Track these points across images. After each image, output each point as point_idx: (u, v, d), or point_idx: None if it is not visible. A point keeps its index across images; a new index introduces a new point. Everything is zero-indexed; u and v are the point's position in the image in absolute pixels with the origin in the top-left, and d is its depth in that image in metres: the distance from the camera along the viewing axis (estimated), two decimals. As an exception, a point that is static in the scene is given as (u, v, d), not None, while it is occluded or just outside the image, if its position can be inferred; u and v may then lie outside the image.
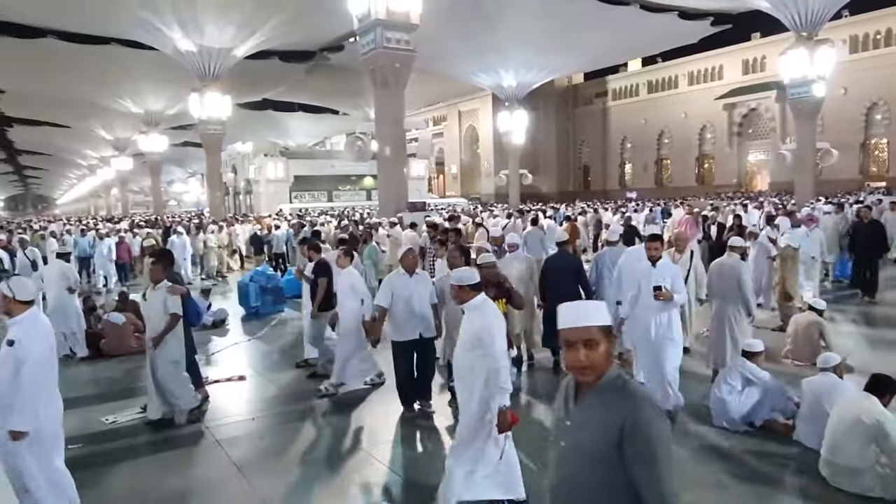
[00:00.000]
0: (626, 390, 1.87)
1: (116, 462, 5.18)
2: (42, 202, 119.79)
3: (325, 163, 45.46)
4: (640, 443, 1.79)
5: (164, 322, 5.79)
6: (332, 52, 31.76)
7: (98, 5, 23.56)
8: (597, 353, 1.86)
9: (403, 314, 5.81)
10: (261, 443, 5.53)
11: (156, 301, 5.87)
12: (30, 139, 54.89)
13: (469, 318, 4.03)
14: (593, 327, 1.86)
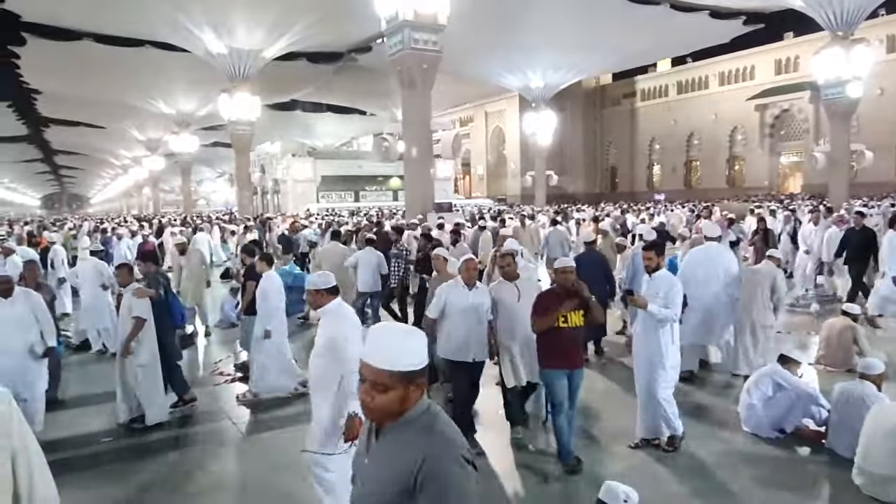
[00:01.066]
0: (430, 430, 1.65)
1: (148, 455, 5.30)
2: (77, 201, 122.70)
3: (352, 163, 45.79)
4: (432, 492, 1.56)
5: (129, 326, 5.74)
6: (359, 53, 32.00)
7: (133, 8, 24.07)
8: (384, 398, 1.65)
9: (458, 331, 5.10)
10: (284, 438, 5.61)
11: (124, 305, 5.87)
12: (65, 139, 56.30)
13: (323, 323, 3.92)
14: (386, 372, 1.64)
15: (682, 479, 4.53)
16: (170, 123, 39.72)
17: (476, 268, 5.29)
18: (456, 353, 5.14)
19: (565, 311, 4.52)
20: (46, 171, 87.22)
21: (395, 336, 1.71)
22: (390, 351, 1.67)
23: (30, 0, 24.28)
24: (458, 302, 5.11)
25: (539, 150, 39.78)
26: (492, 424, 5.59)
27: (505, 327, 5.16)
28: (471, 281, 5.15)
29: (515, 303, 5.11)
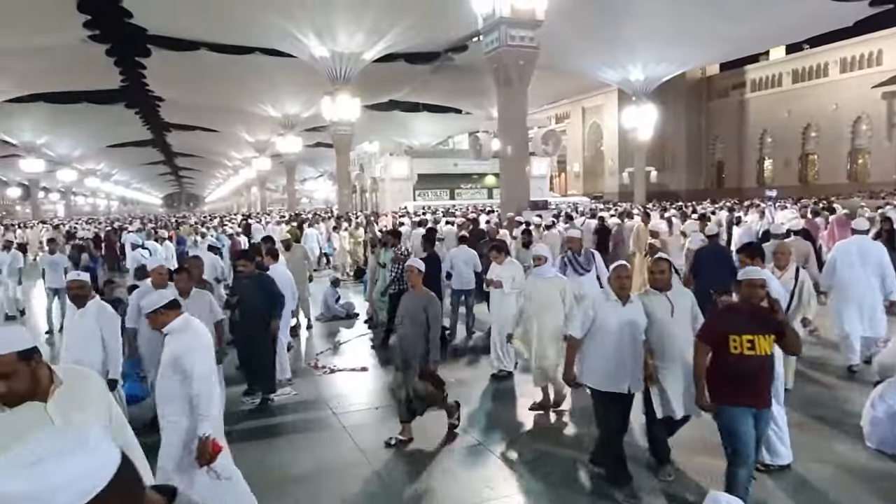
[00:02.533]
0: None
1: (252, 440, 5.60)
2: (194, 200, 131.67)
3: (447, 161, 46.21)
4: None
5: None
6: (456, 52, 32.24)
7: (245, 18, 25.49)
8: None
9: (610, 355, 4.26)
10: (383, 430, 5.75)
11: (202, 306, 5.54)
12: (184, 143, 60.61)
13: (168, 342, 3.69)
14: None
15: (793, 498, 4.24)
16: (276, 126, 41.78)
17: (630, 276, 4.46)
18: (607, 381, 4.30)
19: (752, 335, 3.63)
20: (167, 173, 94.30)
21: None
22: None
23: (155, 14, 26.24)
24: (609, 319, 4.28)
25: (639, 145, 38.49)
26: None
27: (655, 347, 4.41)
28: (624, 293, 4.33)
29: (668, 318, 4.37)
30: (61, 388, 2.17)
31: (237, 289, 6.62)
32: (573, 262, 7.04)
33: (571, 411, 6.15)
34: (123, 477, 1.04)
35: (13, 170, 61.85)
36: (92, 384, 2.34)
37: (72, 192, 76.94)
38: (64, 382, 2.19)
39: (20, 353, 2.04)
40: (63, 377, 2.21)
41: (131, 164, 78.50)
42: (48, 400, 2.12)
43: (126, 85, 36.56)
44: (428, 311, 5.28)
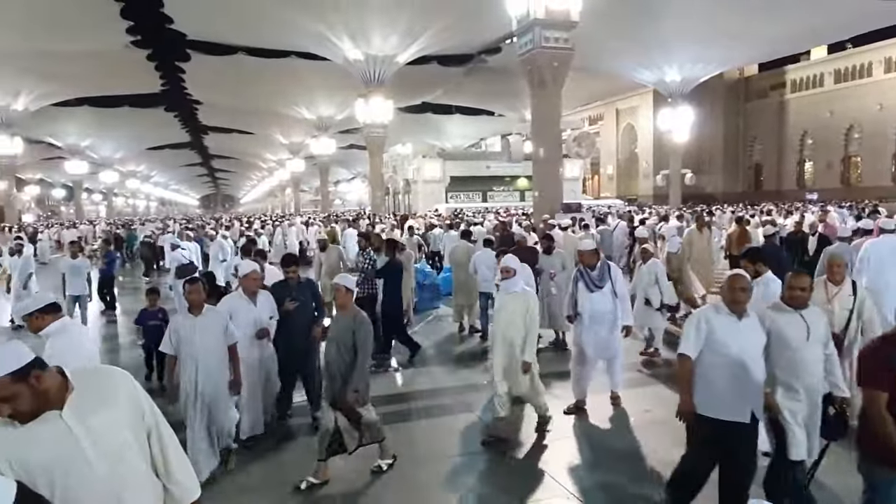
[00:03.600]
0: None
1: (293, 437, 5.66)
2: (229, 201, 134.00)
3: (479, 164, 46.16)
4: None
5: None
6: (489, 54, 32.21)
7: (281, 23, 25.88)
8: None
9: (729, 376, 3.65)
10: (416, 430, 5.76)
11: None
12: (221, 145, 61.83)
13: (47, 347, 3.55)
14: None
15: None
16: (310, 128, 42.32)
17: (745, 288, 3.75)
18: (725, 408, 3.64)
19: None
20: (204, 174, 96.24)
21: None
22: None
23: (194, 20, 26.83)
24: (724, 337, 3.67)
25: (674, 147, 37.92)
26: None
27: (782, 375, 3.81)
28: (739, 307, 3.69)
29: (804, 342, 3.75)
30: (74, 394, 2.12)
31: (284, 294, 6.20)
32: (585, 277, 6.18)
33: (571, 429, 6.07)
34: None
35: (58, 171, 63.85)
36: (115, 382, 2.28)
37: (113, 194, 79.08)
38: (77, 387, 2.14)
39: (13, 374, 1.97)
40: (77, 381, 2.16)
41: (170, 166, 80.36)
42: (63, 407, 2.08)
43: (166, 89, 37.45)
44: (356, 335, 4.64)
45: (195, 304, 4.85)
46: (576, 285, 6.27)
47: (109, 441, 2.12)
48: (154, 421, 2.32)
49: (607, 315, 6.11)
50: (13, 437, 2.03)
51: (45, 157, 56.57)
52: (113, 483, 2.11)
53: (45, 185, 77.23)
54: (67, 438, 2.06)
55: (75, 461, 2.06)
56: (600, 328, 6.10)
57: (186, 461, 2.45)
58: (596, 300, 6.09)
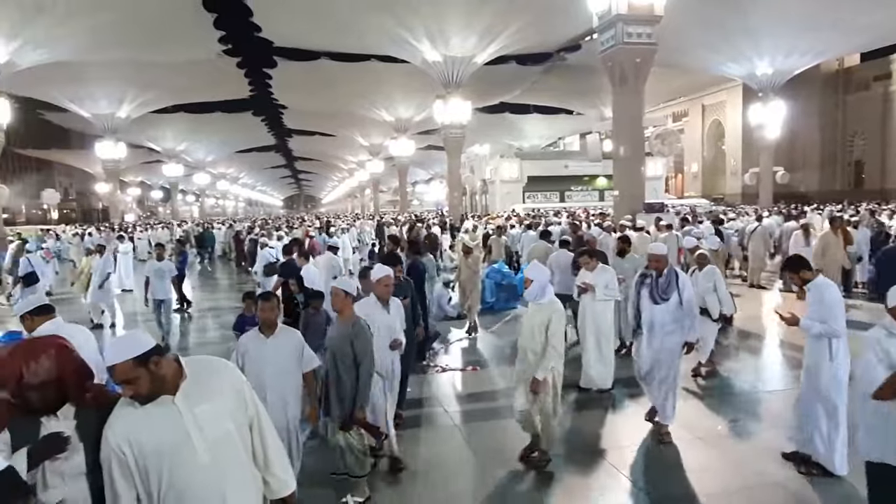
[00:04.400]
0: None
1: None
2: (311, 201, 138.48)
3: (557, 163, 45.55)
4: None
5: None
6: (568, 52, 31.74)
7: (362, 27, 26.50)
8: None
9: None
10: (496, 430, 5.75)
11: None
12: (304, 147, 64.05)
13: None
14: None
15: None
16: (389, 129, 43.06)
17: None
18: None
19: None
20: (288, 176, 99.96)
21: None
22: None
23: (281, 27, 27.91)
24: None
25: (765, 144, 36.02)
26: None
27: None
28: None
29: None
30: (186, 381, 2.26)
31: None
32: (650, 285, 5.55)
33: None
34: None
35: (156, 174, 67.99)
36: (223, 374, 2.41)
37: (205, 195, 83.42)
38: (190, 375, 2.28)
39: (135, 359, 2.14)
40: (190, 370, 2.30)
41: (256, 168, 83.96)
42: (176, 393, 2.23)
43: (254, 94, 39.17)
44: (355, 344, 4.23)
45: (269, 322, 4.19)
46: (638, 293, 5.69)
47: (213, 430, 2.24)
48: (256, 413, 2.42)
49: (669, 329, 5.45)
50: (133, 417, 2.19)
51: (144, 160, 60.36)
52: (215, 471, 2.22)
53: (144, 186, 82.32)
54: (177, 423, 2.19)
55: (182, 447, 2.19)
56: (659, 342, 5.50)
57: (284, 454, 2.55)
58: (658, 312, 5.50)
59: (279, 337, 4.22)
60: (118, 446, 2.17)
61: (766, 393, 6.86)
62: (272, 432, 2.49)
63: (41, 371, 2.25)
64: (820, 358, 4.53)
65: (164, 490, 2.19)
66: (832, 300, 4.48)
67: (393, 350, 5.03)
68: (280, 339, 4.22)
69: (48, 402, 2.28)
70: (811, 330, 4.49)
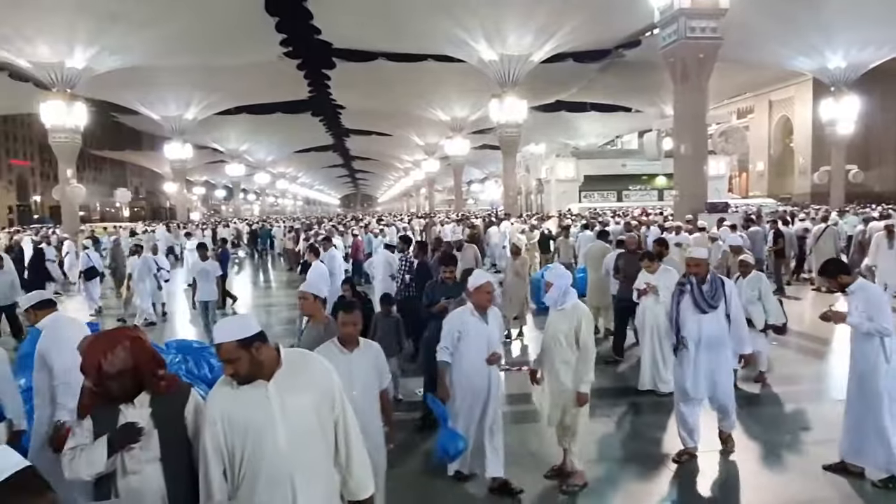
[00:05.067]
0: None
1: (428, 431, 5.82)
2: (368, 200, 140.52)
3: (615, 162, 44.71)
4: None
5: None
6: (627, 48, 31.14)
7: (420, 28, 26.73)
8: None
9: None
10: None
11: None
12: (361, 146, 65.07)
13: (40, 338, 3.91)
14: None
15: None
16: (445, 129, 43.25)
17: None
18: None
19: None
20: (345, 175, 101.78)
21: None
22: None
23: (340, 29, 28.45)
24: None
25: (837, 141, 34.34)
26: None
27: None
28: None
29: None
30: (281, 371, 2.38)
31: (437, 296, 5.87)
32: (693, 293, 4.96)
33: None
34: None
35: (220, 174, 70.40)
36: (315, 369, 2.51)
37: (265, 193, 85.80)
38: (286, 365, 2.39)
39: (240, 341, 2.29)
40: (287, 360, 2.42)
41: (314, 168, 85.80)
42: (270, 380, 2.35)
43: (313, 95, 40.07)
44: None
45: (351, 338, 3.64)
46: (677, 304, 5.04)
47: (297, 422, 2.34)
48: (342, 412, 2.49)
49: (719, 342, 4.93)
50: (229, 394, 2.35)
51: (209, 160, 62.60)
52: (290, 458, 2.32)
53: (208, 185, 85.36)
54: (266, 407, 2.32)
55: (266, 430, 2.31)
56: (709, 358, 4.92)
57: (366, 457, 2.60)
58: (707, 323, 4.91)
59: (363, 352, 3.67)
60: (213, 419, 2.34)
61: (824, 402, 6.51)
62: (356, 434, 2.55)
63: (117, 361, 2.39)
64: (875, 360, 4.37)
65: (244, 466, 2.33)
66: (878, 299, 4.42)
67: (490, 365, 4.51)
68: (364, 354, 3.67)
69: (126, 390, 2.43)
70: (861, 327, 4.36)
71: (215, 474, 2.33)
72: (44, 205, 69.17)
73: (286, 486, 2.31)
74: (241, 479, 2.33)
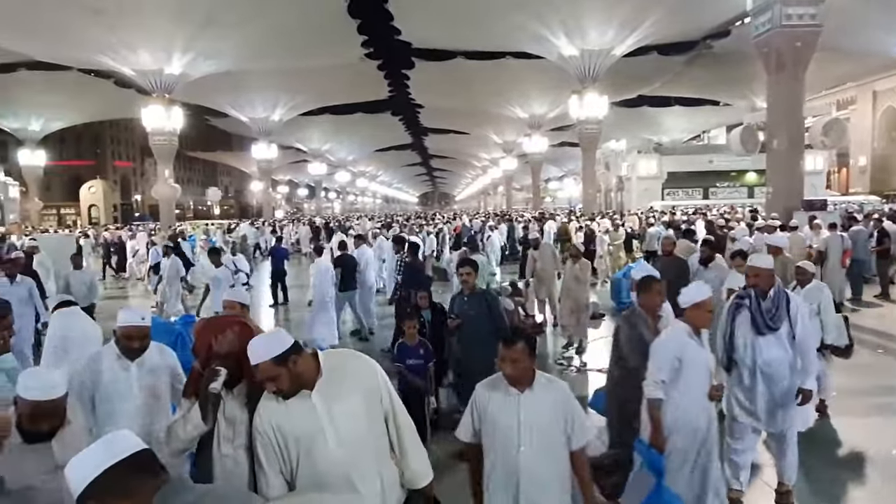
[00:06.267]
0: None
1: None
2: (445, 198, 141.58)
3: (701, 158, 43.00)
4: None
5: None
6: (715, 39, 29.80)
7: (499, 25, 26.60)
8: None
9: None
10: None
11: None
12: (439, 145, 65.57)
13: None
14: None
15: None
16: (523, 126, 42.91)
17: None
18: None
19: None
20: (423, 174, 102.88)
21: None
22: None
23: (420, 29, 28.72)
24: None
25: (952, 133, 31.63)
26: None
27: None
28: None
29: None
30: (322, 379, 2.39)
31: (456, 310, 5.77)
32: (753, 310, 4.17)
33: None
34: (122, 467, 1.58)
35: (303, 173, 72.80)
36: (358, 370, 2.51)
37: (345, 192, 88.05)
38: (325, 373, 2.40)
39: (275, 359, 2.28)
40: (326, 366, 2.43)
41: (393, 166, 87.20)
42: (313, 389, 2.38)
43: (392, 95, 40.68)
44: None
45: (521, 377, 2.85)
46: (732, 320, 4.26)
47: (346, 427, 2.36)
48: (391, 406, 2.51)
49: (782, 369, 4.12)
50: (276, 408, 2.38)
51: (292, 160, 64.81)
52: (344, 459, 2.35)
53: (292, 184, 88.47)
54: (313, 418, 2.34)
55: (317, 438, 2.34)
56: (771, 388, 4.14)
57: (421, 446, 2.61)
58: (767, 346, 4.12)
59: (538, 391, 2.84)
60: (264, 430, 2.37)
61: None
62: (408, 425, 2.57)
63: (226, 343, 2.51)
64: None
65: (301, 467, 2.37)
66: None
67: (712, 400, 3.72)
68: (540, 394, 2.83)
69: (230, 374, 2.52)
70: None
71: (270, 478, 2.38)
72: (144, 203, 73.79)
73: (343, 485, 2.35)
74: (298, 479, 2.39)
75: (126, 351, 3.34)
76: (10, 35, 25.15)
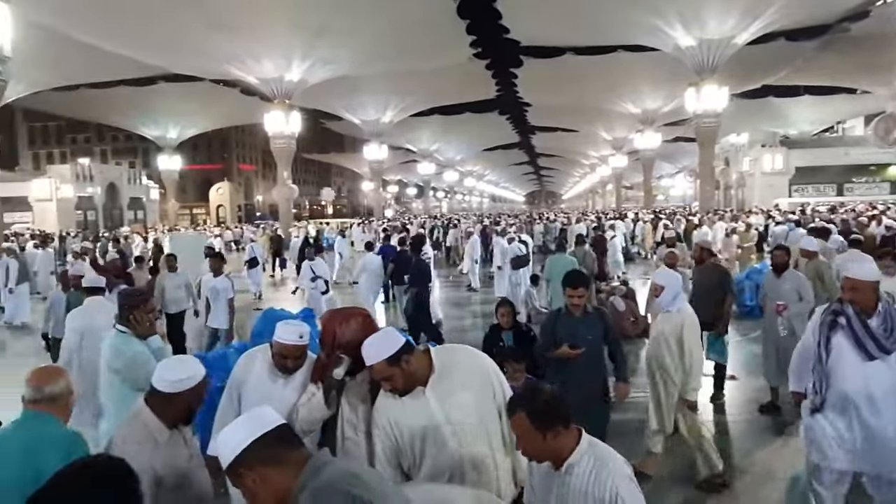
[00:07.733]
0: None
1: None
2: (552, 197, 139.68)
3: (835, 151, 39.61)
4: None
5: None
6: (852, 21, 27.35)
7: (610, 18, 25.92)
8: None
9: None
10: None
11: None
12: (546, 143, 64.87)
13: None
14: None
15: None
16: (635, 122, 41.53)
17: None
18: None
19: None
20: (530, 172, 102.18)
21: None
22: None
23: (528, 27, 28.52)
24: None
25: None
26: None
27: None
28: None
29: None
30: (435, 375, 2.46)
31: (561, 334, 5.59)
32: (854, 330, 3.40)
33: None
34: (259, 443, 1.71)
35: (412, 172, 74.57)
36: (471, 365, 2.56)
37: (453, 191, 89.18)
38: (438, 369, 2.46)
39: (388, 359, 2.36)
40: (439, 363, 2.48)
41: (500, 165, 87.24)
42: (427, 385, 2.44)
43: (500, 94, 40.67)
44: None
45: None
46: (827, 341, 3.48)
47: (459, 421, 2.42)
48: (504, 400, 2.52)
49: (890, 400, 3.34)
50: (393, 405, 2.48)
51: (402, 160, 66.53)
52: (460, 457, 2.41)
53: (401, 184, 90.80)
54: (429, 413, 2.42)
55: (432, 433, 2.41)
56: (875, 421, 3.34)
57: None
58: (875, 373, 3.34)
59: (576, 473, 2.20)
60: (382, 425, 2.48)
61: None
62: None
63: (348, 332, 2.65)
64: None
65: (419, 460, 2.46)
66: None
67: None
68: (577, 476, 2.20)
69: (354, 362, 2.65)
70: None
71: (385, 469, 2.46)
72: (264, 203, 78.64)
73: (459, 477, 2.40)
74: (418, 470, 2.47)
75: (279, 367, 2.98)
76: (151, 51, 27.69)
